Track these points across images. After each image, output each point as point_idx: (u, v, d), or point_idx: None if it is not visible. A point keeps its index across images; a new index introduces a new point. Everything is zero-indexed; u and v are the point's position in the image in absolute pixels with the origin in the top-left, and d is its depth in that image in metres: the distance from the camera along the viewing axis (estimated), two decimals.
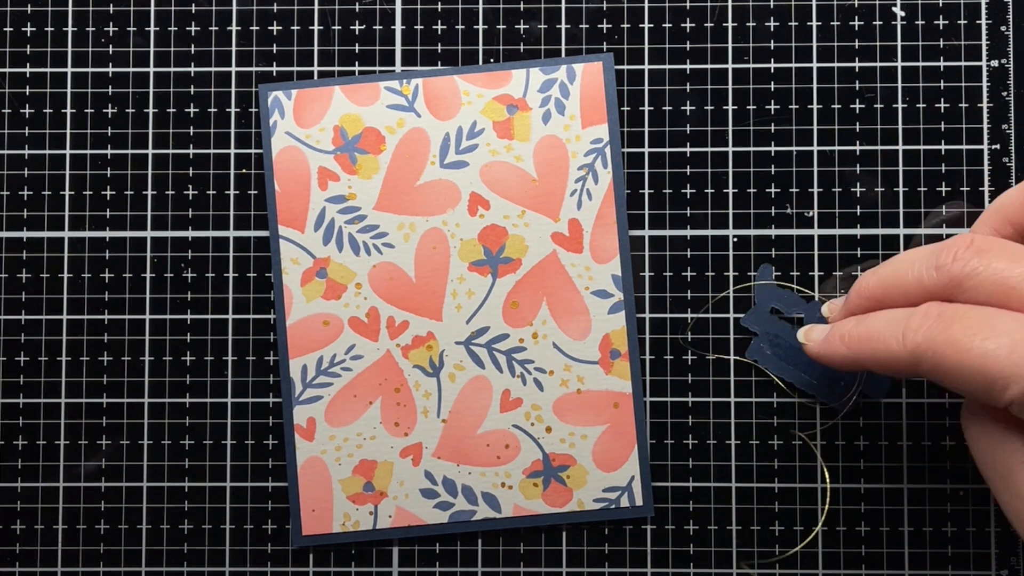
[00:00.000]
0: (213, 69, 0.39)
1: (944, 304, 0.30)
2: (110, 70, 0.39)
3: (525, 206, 0.38)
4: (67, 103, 0.39)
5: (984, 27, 0.38)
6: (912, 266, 0.31)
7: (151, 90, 0.39)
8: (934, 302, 0.30)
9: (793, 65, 0.39)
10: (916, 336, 0.29)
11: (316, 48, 0.39)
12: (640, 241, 0.38)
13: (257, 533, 0.38)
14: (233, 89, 0.39)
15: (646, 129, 0.39)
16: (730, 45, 0.39)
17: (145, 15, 0.39)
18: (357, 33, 0.39)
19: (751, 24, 0.39)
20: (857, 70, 0.39)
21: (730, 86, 0.39)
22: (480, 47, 0.39)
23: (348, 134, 0.39)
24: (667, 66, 0.39)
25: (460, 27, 0.39)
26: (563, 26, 0.39)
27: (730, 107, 0.39)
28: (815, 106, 0.39)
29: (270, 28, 0.39)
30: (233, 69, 0.39)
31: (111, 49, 0.39)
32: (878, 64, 0.39)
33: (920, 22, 0.39)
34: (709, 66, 0.39)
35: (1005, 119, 0.38)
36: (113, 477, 0.39)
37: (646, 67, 0.39)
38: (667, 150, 0.39)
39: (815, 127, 0.39)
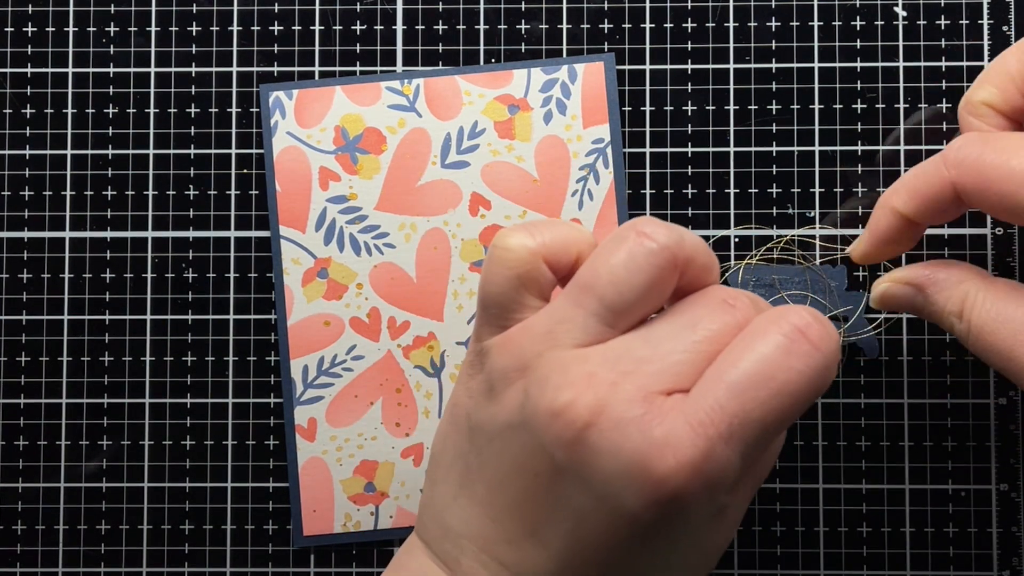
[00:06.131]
0: (214, 69, 0.39)
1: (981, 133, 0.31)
2: (111, 70, 0.39)
3: (526, 206, 0.38)
4: (68, 103, 0.39)
5: (986, 27, 0.38)
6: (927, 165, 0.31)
7: (152, 90, 0.39)
8: (971, 132, 0.31)
9: (795, 65, 0.39)
10: (958, 154, 0.30)
11: (317, 48, 0.39)
12: None
13: (258, 533, 0.38)
14: (234, 89, 0.39)
15: (647, 129, 0.39)
16: (732, 45, 0.39)
17: (146, 15, 0.39)
18: (358, 33, 0.39)
19: (752, 24, 0.39)
20: (859, 70, 0.39)
21: (732, 86, 0.39)
22: (481, 47, 0.39)
23: (349, 134, 0.39)
24: (668, 66, 0.39)
25: (461, 27, 0.39)
26: (564, 26, 0.39)
27: (732, 107, 0.39)
28: (817, 106, 0.39)
29: (271, 28, 0.39)
30: (234, 69, 0.39)
31: (112, 49, 0.39)
32: (880, 64, 0.39)
33: (922, 22, 0.39)
34: (711, 66, 0.39)
35: None
36: (114, 477, 0.39)
37: (647, 67, 0.39)
38: (668, 150, 0.39)
39: (817, 127, 0.39)
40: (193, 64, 0.39)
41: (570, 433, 0.25)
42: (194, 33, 0.39)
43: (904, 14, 0.39)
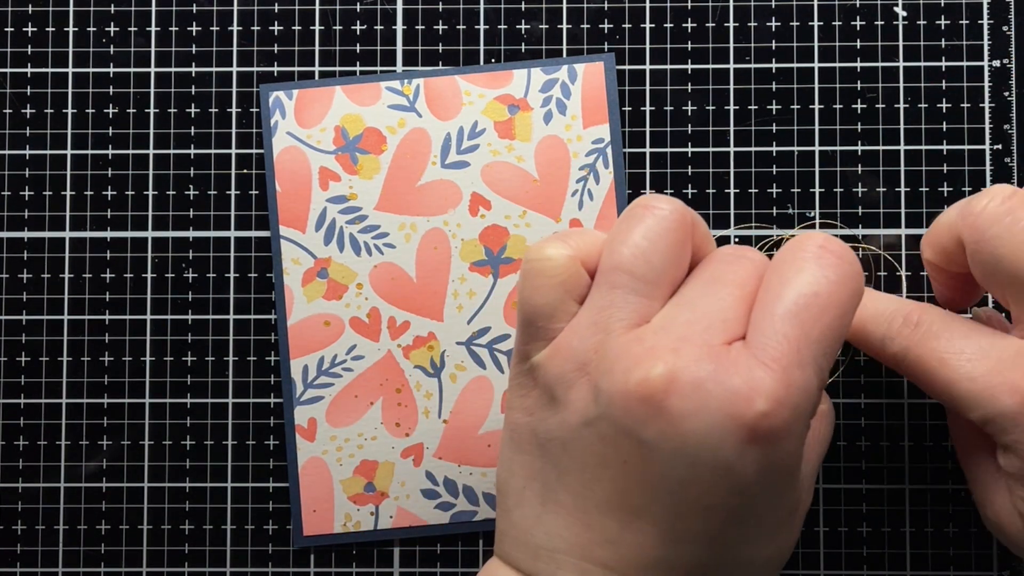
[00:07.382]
0: (214, 69, 0.39)
1: (925, 312, 0.31)
2: (111, 70, 0.39)
3: (526, 206, 0.38)
4: (68, 103, 0.39)
5: (986, 27, 0.38)
6: (877, 320, 0.32)
7: (152, 90, 0.39)
8: (917, 307, 0.31)
9: (795, 65, 0.39)
10: (893, 345, 0.30)
11: (317, 48, 0.39)
12: None
13: (258, 534, 0.38)
14: (234, 89, 0.39)
15: (647, 129, 0.39)
16: (732, 45, 0.39)
17: (146, 15, 0.39)
18: (358, 33, 0.39)
19: (753, 24, 0.39)
20: (859, 70, 0.39)
21: (732, 86, 0.39)
22: (481, 47, 0.39)
23: (349, 134, 0.39)
24: (668, 66, 0.39)
25: (461, 27, 0.39)
26: (564, 26, 0.39)
27: (732, 107, 0.39)
28: (817, 106, 0.39)
29: (271, 28, 0.39)
30: (234, 69, 0.39)
31: (112, 49, 0.39)
32: (880, 64, 0.39)
33: (922, 22, 0.39)
34: (711, 66, 0.39)
35: (1007, 119, 0.38)
36: (114, 477, 0.39)
37: (647, 67, 0.39)
38: (668, 150, 0.39)
39: (817, 127, 0.39)
40: (193, 64, 0.39)
41: (651, 407, 0.25)
42: (194, 33, 0.39)
43: (904, 14, 0.39)
